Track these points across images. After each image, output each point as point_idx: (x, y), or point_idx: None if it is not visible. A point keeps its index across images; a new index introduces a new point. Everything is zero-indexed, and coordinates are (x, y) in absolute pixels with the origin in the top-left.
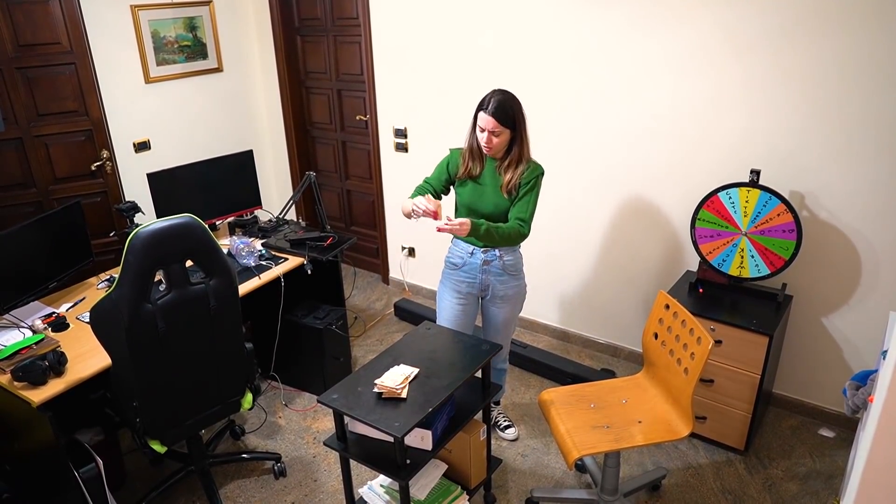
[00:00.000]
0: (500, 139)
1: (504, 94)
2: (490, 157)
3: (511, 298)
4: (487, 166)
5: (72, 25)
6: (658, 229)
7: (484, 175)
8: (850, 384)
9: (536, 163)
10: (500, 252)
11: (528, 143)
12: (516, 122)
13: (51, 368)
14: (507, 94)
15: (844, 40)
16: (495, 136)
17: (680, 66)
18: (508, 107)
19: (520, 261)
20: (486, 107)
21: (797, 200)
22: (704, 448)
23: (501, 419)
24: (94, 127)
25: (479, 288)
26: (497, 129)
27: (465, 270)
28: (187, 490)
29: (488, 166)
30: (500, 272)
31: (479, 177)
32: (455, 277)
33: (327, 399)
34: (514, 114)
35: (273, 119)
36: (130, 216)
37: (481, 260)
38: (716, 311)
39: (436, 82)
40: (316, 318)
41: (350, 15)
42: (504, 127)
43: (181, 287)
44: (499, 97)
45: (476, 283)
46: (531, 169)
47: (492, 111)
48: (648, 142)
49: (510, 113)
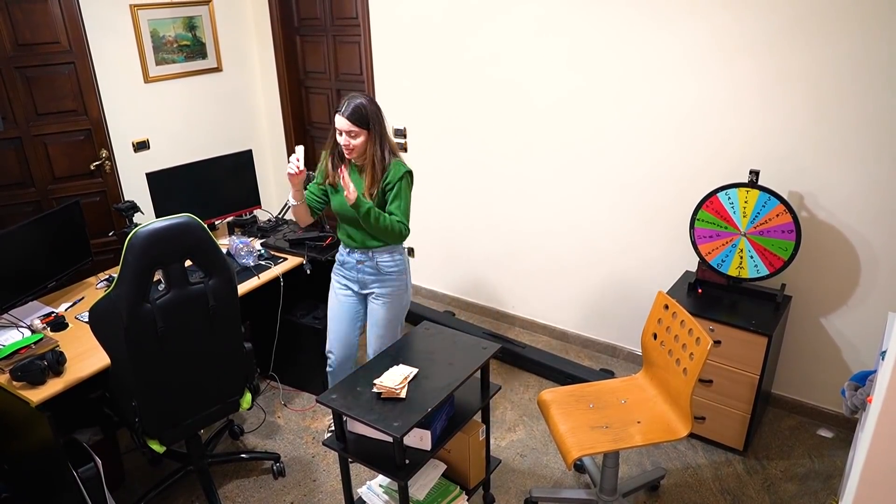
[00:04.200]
0: (359, 141)
1: (361, 96)
2: (354, 164)
3: (384, 297)
4: (352, 171)
5: (71, 25)
6: (657, 229)
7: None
8: (849, 384)
9: (401, 164)
10: (372, 253)
11: (388, 145)
12: (370, 122)
13: (49, 368)
14: (363, 97)
15: (844, 41)
16: (352, 137)
17: (679, 67)
18: (363, 107)
19: (401, 264)
20: (341, 109)
21: (796, 201)
22: (703, 448)
23: None
24: (93, 126)
25: (358, 285)
26: (353, 129)
27: (346, 268)
28: (186, 490)
29: (352, 171)
30: (373, 271)
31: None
32: (339, 273)
33: (326, 399)
34: (369, 114)
35: (272, 119)
36: (129, 216)
37: (356, 259)
38: (715, 312)
39: (435, 82)
40: (315, 317)
41: (349, 15)
42: (360, 128)
43: (180, 287)
44: (354, 100)
45: (354, 280)
46: (395, 170)
47: (346, 113)
48: (648, 142)
49: (364, 113)
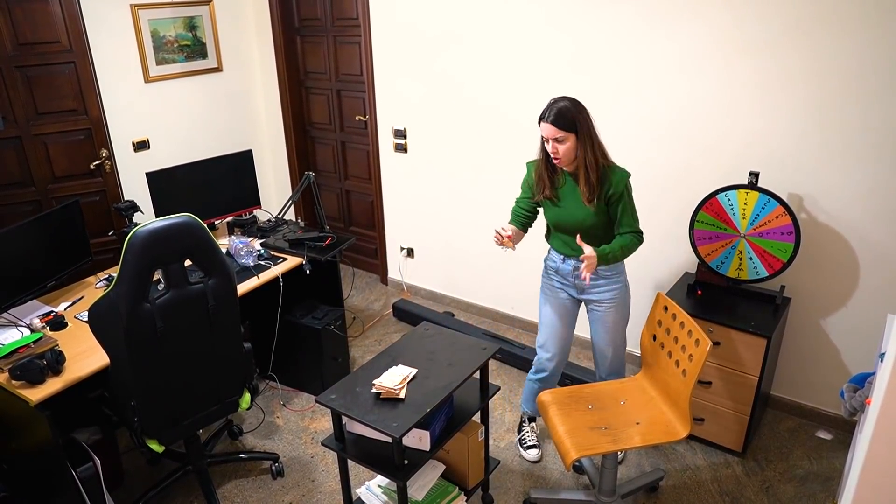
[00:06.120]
0: (566, 146)
1: (563, 99)
2: (566, 172)
3: (609, 301)
4: (566, 181)
5: (71, 24)
6: (656, 231)
7: (563, 191)
8: (848, 386)
9: (619, 168)
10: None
11: (599, 146)
12: (577, 124)
13: (49, 367)
14: (566, 99)
15: (844, 43)
16: (559, 143)
17: (679, 68)
18: (567, 110)
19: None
20: (545, 116)
21: (796, 203)
22: (702, 450)
23: (528, 437)
24: (93, 126)
25: (576, 290)
26: (559, 135)
27: (561, 274)
28: (185, 490)
29: (566, 181)
30: (592, 276)
31: (557, 195)
32: (553, 279)
33: (325, 399)
34: (574, 115)
35: (272, 119)
36: (129, 215)
37: (572, 265)
38: (714, 313)
39: (436, 83)
40: (314, 318)
41: (350, 15)
42: (566, 132)
43: (180, 286)
44: (558, 104)
45: (571, 286)
46: (617, 178)
47: (550, 119)
48: (647, 144)
49: (569, 116)
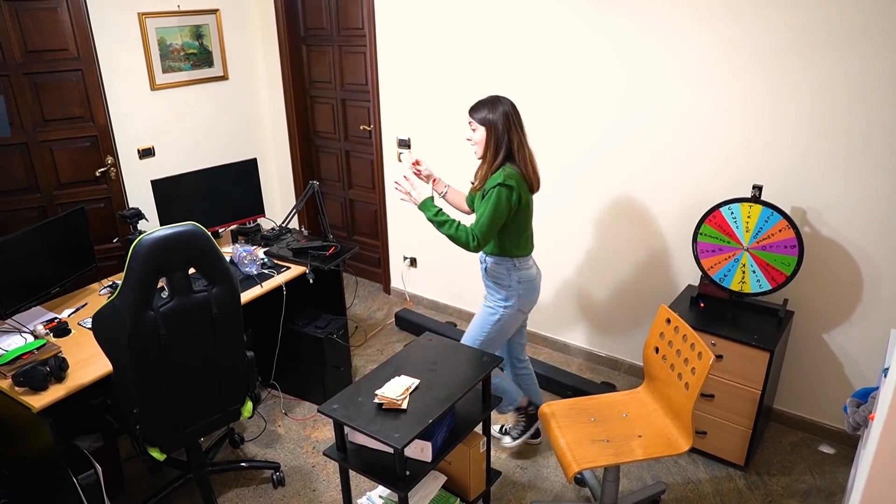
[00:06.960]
0: (476, 137)
1: (495, 97)
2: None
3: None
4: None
5: (79, 32)
6: (660, 243)
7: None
8: (851, 401)
9: (505, 174)
10: (485, 255)
11: (500, 149)
12: (486, 121)
13: (52, 374)
14: (496, 98)
15: (848, 57)
16: (471, 130)
17: (683, 80)
18: (485, 103)
19: (504, 277)
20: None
21: (799, 216)
22: (704, 463)
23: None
24: (99, 133)
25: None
26: (471, 124)
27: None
28: (186, 498)
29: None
30: (484, 275)
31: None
32: None
33: (328, 409)
34: (488, 111)
35: (277, 127)
36: (134, 223)
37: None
38: (717, 326)
39: (440, 93)
40: (317, 326)
41: (356, 25)
42: (477, 124)
43: (184, 295)
44: (486, 98)
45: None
46: (494, 178)
47: (470, 107)
48: (651, 156)
49: (482, 109)
